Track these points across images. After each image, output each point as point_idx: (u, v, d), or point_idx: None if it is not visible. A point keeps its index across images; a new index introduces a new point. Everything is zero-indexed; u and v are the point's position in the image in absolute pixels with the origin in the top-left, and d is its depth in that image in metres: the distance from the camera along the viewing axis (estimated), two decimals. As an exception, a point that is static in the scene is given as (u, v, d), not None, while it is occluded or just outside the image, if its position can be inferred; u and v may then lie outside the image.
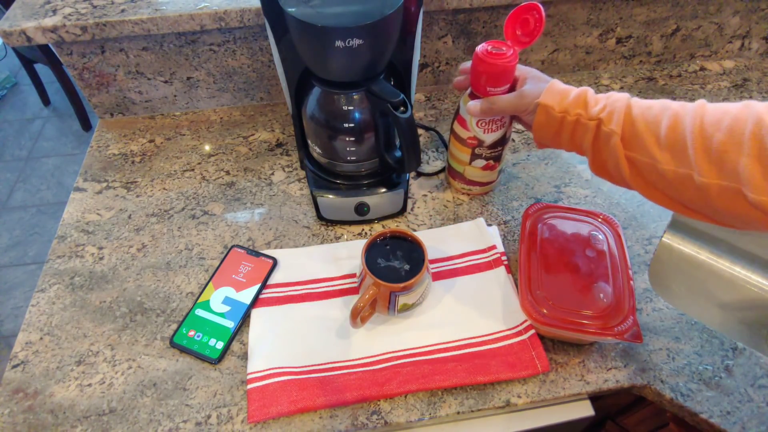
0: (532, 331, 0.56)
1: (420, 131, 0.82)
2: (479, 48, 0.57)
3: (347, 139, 0.63)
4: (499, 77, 0.57)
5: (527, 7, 0.54)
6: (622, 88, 0.88)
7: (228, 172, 0.76)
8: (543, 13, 0.54)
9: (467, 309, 0.60)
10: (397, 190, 0.67)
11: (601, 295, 0.54)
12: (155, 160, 0.79)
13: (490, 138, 0.63)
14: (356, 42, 0.51)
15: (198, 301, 0.61)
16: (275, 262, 0.64)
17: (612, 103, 0.49)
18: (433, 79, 0.89)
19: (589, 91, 0.52)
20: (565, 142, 0.54)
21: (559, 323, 0.52)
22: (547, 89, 0.54)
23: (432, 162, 0.77)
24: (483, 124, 0.62)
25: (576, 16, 0.83)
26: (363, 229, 0.69)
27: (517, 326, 0.57)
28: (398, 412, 0.53)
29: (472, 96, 0.61)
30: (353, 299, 0.57)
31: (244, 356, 0.57)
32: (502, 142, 0.64)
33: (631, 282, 0.56)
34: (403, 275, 0.54)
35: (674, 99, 0.85)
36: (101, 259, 0.67)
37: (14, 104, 2.40)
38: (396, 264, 0.55)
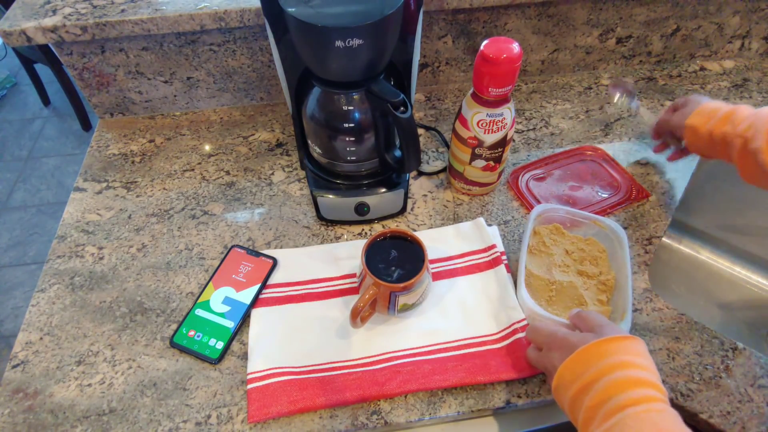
0: None
1: (420, 131, 0.82)
2: (484, 46, 0.57)
3: (347, 139, 0.63)
4: (503, 78, 0.57)
5: None
6: (622, 88, 0.88)
7: (228, 172, 0.76)
8: None
9: (467, 309, 0.60)
10: (397, 190, 0.67)
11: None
12: (155, 160, 0.79)
13: (490, 139, 0.63)
14: (356, 42, 0.51)
15: (198, 301, 0.61)
16: (275, 262, 0.64)
17: (758, 120, 0.54)
18: (433, 79, 0.89)
19: (740, 109, 0.57)
20: (717, 155, 0.60)
21: None
22: (696, 111, 0.61)
23: (432, 162, 0.77)
24: (484, 125, 0.62)
25: (576, 16, 0.83)
26: (363, 229, 0.69)
27: (513, 324, 0.57)
28: (398, 412, 0.53)
29: (474, 96, 0.61)
30: (353, 299, 0.56)
31: (244, 356, 0.57)
32: (502, 143, 0.64)
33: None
34: (403, 275, 0.54)
35: (674, 99, 0.85)
36: (101, 259, 0.67)
37: (14, 104, 2.40)
38: (396, 264, 0.55)
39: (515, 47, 0.56)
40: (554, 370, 0.45)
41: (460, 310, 0.60)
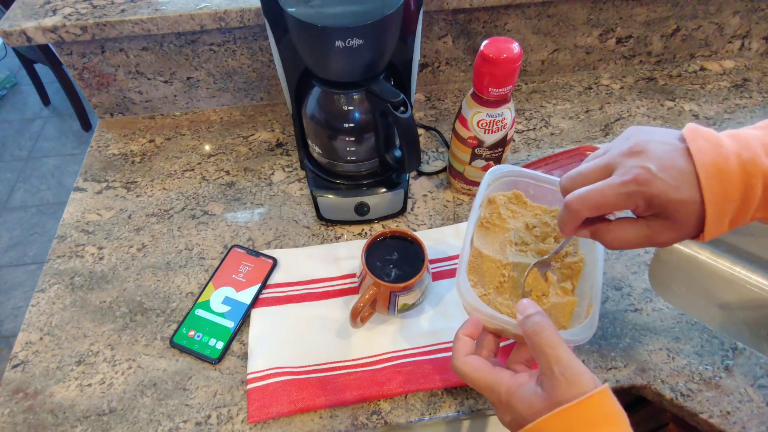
0: None
1: (420, 131, 0.82)
2: (484, 47, 0.57)
3: (347, 139, 0.63)
4: (503, 78, 0.57)
5: None
6: (622, 89, 0.88)
7: (228, 172, 0.76)
8: None
9: (467, 309, 0.60)
10: (397, 190, 0.67)
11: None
12: (155, 160, 0.79)
13: (490, 139, 0.63)
14: (356, 42, 0.51)
15: (198, 301, 0.61)
16: (275, 262, 0.64)
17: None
18: (433, 79, 0.89)
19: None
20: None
21: None
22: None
23: (432, 162, 0.77)
24: (484, 125, 0.62)
25: (576, 16, 0.83)
26: (363, 229, 0.69)
27: None
28: (398, 412, 0.53)
29: (474, 96, 0.61)
30: (353, 299, 0.57)
31: (244, 356, 0.57)
32: (502, 143, 0.64)
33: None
34: (403, 275, 0.54)
35: (674, 99, 0.86)
36: (101, 259, 0.67)
37: (14, 104, 2.40)
38: (396, 264, 0.55)
39: (515, 47, 0.56)
40: (505, 425, 0.38)
41: (460, 310, 0.60)
